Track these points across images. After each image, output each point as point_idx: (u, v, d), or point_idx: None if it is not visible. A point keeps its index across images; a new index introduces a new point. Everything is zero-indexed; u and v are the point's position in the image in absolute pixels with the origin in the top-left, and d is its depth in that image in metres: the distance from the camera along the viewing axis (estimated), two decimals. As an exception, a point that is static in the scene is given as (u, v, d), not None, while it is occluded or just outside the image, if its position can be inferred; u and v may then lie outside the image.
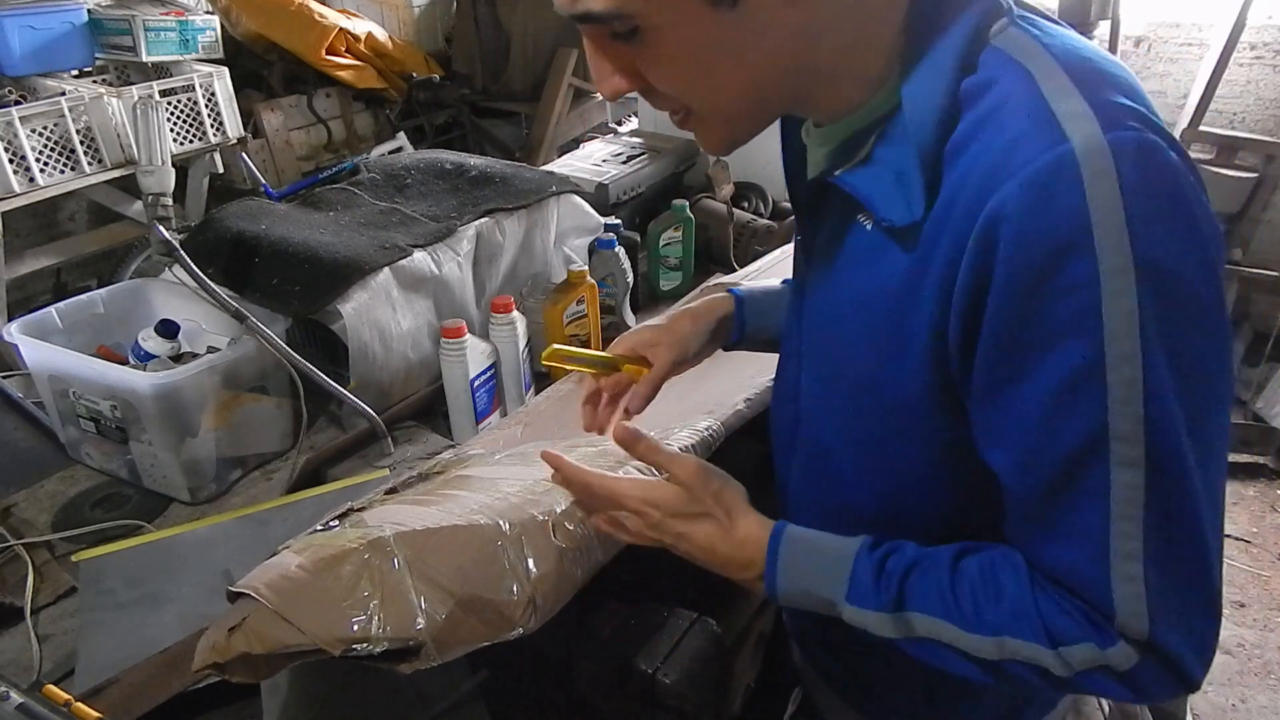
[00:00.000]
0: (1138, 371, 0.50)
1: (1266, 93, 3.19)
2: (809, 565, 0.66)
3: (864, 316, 0.64)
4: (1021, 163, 0.51)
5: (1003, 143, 0.52)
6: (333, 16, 3.58)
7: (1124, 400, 0.51)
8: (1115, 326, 0.50)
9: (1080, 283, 0.50)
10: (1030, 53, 0.55)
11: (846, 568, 0.64)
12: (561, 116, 3.82)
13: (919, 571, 0.62)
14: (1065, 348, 0.52)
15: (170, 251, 1.15)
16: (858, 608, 0.63)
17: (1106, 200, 0.49)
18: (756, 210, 1.96)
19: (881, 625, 0.62)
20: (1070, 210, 0.50)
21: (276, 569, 0.76)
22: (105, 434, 1.18)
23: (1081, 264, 0.50)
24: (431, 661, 0.70)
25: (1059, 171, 0.50)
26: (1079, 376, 0.52)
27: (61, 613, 1.01)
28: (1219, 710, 2.11)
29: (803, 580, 0.66)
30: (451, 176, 1.57)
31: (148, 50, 2.67)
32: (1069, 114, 0.51)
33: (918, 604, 0.61)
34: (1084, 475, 0.54)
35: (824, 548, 0.66)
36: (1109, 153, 0.49)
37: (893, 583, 0.62)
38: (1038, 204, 0.50)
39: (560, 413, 1.19)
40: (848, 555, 0.65)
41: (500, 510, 0.81)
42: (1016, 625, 0.58)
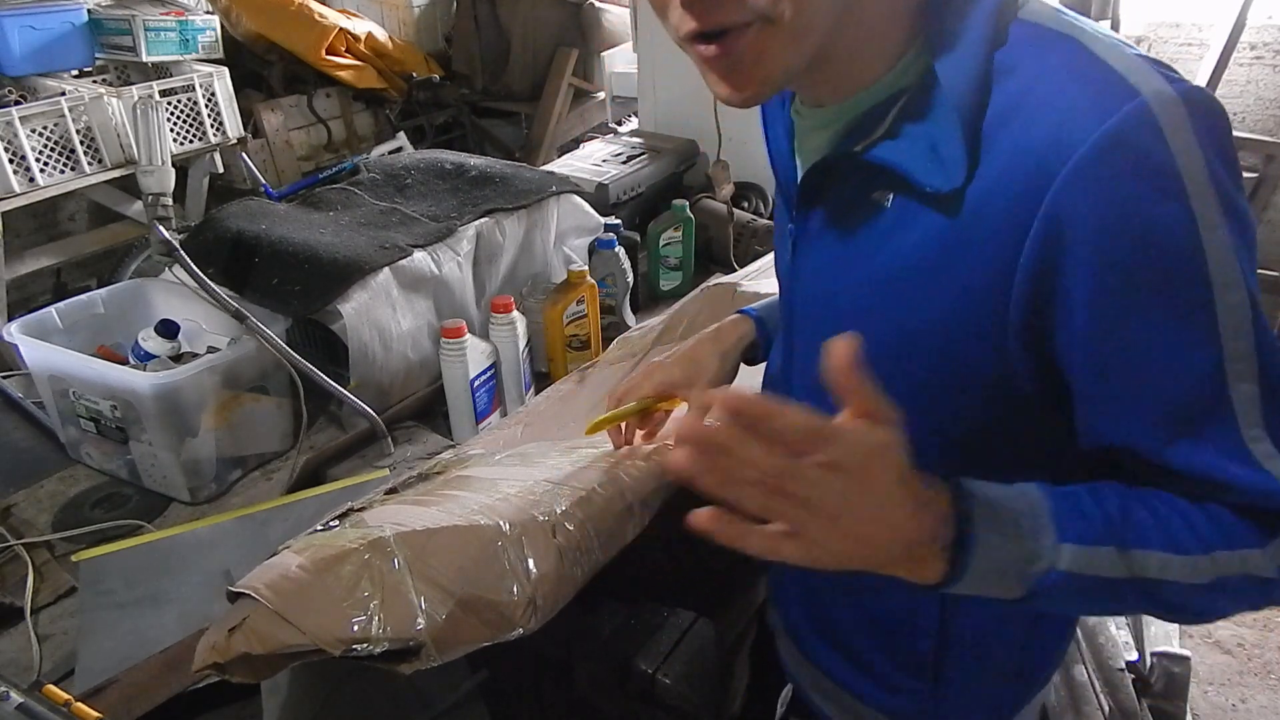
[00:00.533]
0: (1244, 295, 0.53)
1: (1266, 93, 3.20)
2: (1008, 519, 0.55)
3: (880, 296, 0.64)
4: (1090, 126, 0.51)
5: (1060, 112, 0.53)
6: (333, 16, 3.58)
7: (1235, 325, 0.53)
8: (1218, 260, 0.52)
9: (1182, 227, 0.52)
10: (1061, 19, 0.56)
11: (1044, 505, 0.56)
12: (561, 116, 3.82)
13: (1116, 506, 0.57)
14: (1178, 292, 0.53)
15: (170, 251, 1.15)
16: (1081, 545, 0.54)
17: (1189, 148, 0.51)
18: (756, 210, 1.96)
19: (1111, 564, 0.55)
20: (1158, 161, 0.51)
21: (276, 569, 0.76)
22: (105, 434, 1.18)
23: (1178, 209, 0.52)
24: (431, 662, 0.70)
25: (1140, 125, 0.51)
26: (1194, 313, 0.53)
27: (61, 613, 1.01)
28: (1219, 710, 2.11)
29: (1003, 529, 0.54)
30: (451, 176, 1.57)
31: (148, 50, 2.68)
32: (1131, 69, 0.52)
33: (1134, 538, 0.56)
34: (1216, 403, 0.55)
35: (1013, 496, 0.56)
36: (1181, 103, 0.51)
37: (1099, 518, 0.56)
38: (1124, 159, 0.51)
39: (560, 413, 1.19)
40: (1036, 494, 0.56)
41: (500, 510, 0.81)
42: (1221, 538, 0.56)
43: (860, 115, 0.63)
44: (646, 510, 0.86)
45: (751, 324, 0.94)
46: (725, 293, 1.38)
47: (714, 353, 0.91)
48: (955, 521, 0.53)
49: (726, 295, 1.37)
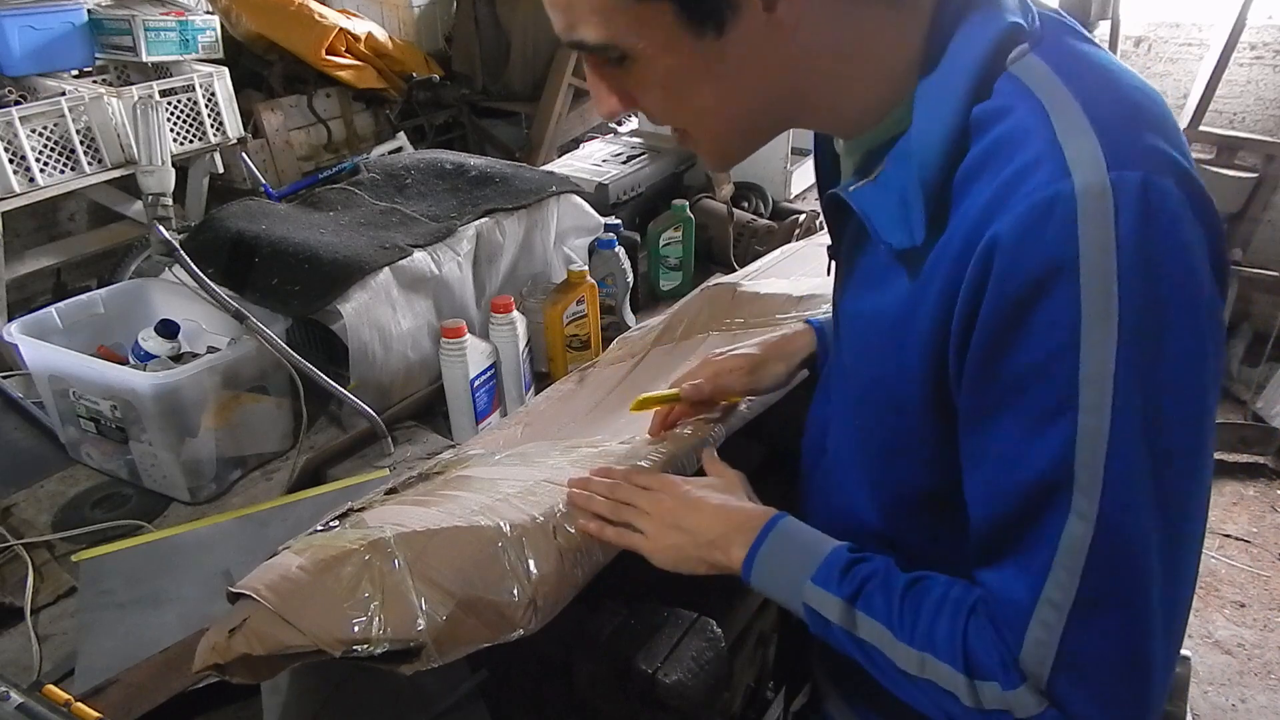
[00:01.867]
0: (1105, 425, 0.49)
1: (1266, 93, 3.20)
2: (790, 546, 0.70)
3: (871, 332, 0.65)
4: (1022, 195, 0.50)
5: (1007, 175, 0.51)
6: (333, 16, 3.58)
7: (1088, 451, 0.50)
8: (1090, 372, 0.49)
9: (1061, 321, 0.49)
10: (1047, 85, 0.53)
11: (822, 554, 0.67)
12: (561, 116, 3.82)
13: (880, 579, 0.64)
14: (1040, 384, 0.51)
15: (170, 251, 1.15)
16: (820, 587, 0.65)
17: (1099, 241, 0.48)
18: (756, 210, 1.96)
19: (832, 610, 0.64)
20: (1059, 245, 0.48)
21: (277, 570, 0.76)
22: (105, 434, 1.18)
23: (1064, 303, 0.49)
24: (432, 662, 0.70)
25: (1054, 206, 0.49)
26: (1050, 414, 0.51)
27: (61, 613, 1.01)
28: (1219, 710, 2.11)
29: (781, 559, 0.69)
30: (451, 176, 1.57)
31: (148, 50, 2.67)
32: (1076, 151, 0.49)
33: (866, 604, 0.63)
34: (1041, 514, 0.53)
35: (809, 538, 0.70)
36: (1109, 193, 0.48)
37: (856, 580, 0.64)
38: (1029, 236, 0.49)
39: (560, 413, 1.19)
40: (827, 547, 0.68)
41: (501, 511, 0.81)
42: (942, 645, 0.58)
43: (869, 152, 0.64)
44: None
45: (813, 335, 0.98)
46: (725, 293, 1.38)
47: (779, 364, 0.96)
48: (760, 532, 0.70)
49: (726, 295, 1.37)
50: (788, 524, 0.72)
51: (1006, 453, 0.54)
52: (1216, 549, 2.60)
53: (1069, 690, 0.54)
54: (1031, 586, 0.54)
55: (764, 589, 0.70)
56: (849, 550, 0.67)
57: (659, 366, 1.26)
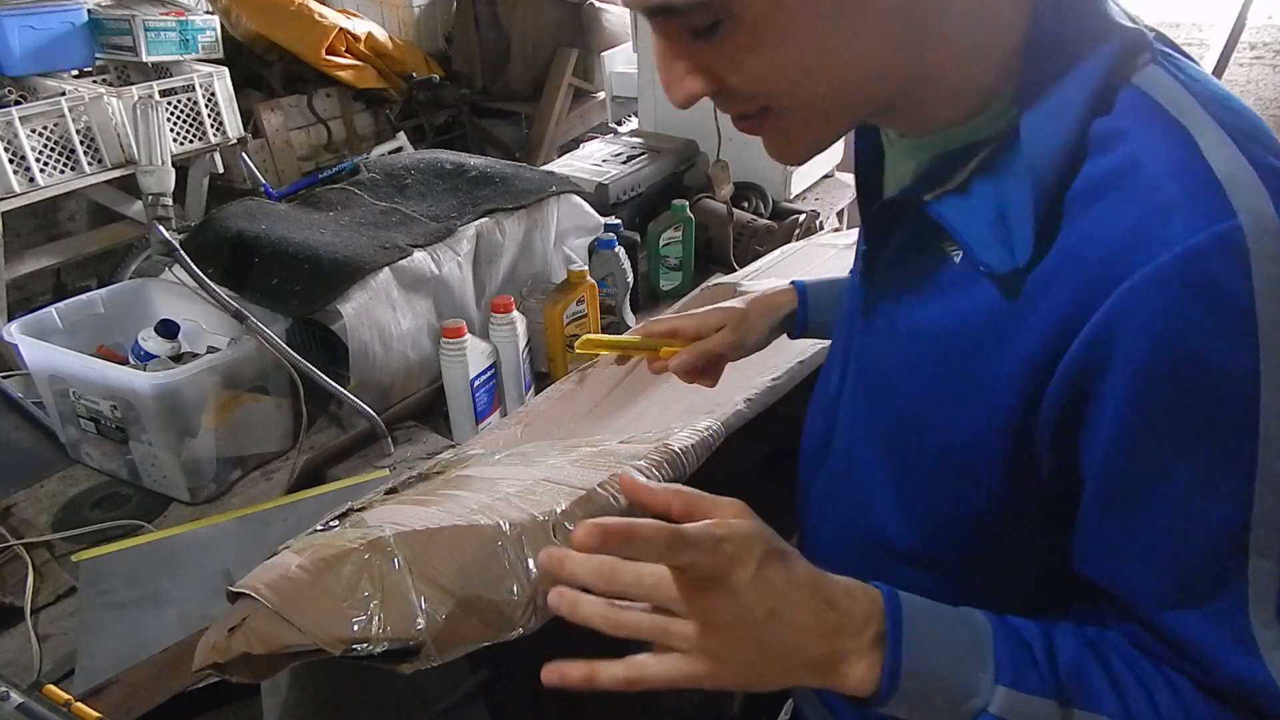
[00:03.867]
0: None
1: (1266, 93, 3.20)
2: (939, 627, 0.52)
3: (925, 352, 0.59)
4: (1177, 236, 0.45)
5: (1150, 205, 0.46)
6: (333, 16, 3.58)
7: (1269, 494, 0.47)
8: (1272, 417, 0.46)
9: (1240, 373, 0.45)
10: (1177, 99, 0.48)
11: (986, 637, 0.52)
12: (561, 116, 3.82)
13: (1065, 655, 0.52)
14: (1214, 441, 0.47)
15: (170, 251, 1.15)
16: (1017, 691, 0.50)
17: (1275, 287, 0.44)
18: (756, 210, 1.96)
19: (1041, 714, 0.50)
20: (1233, 297, 0.44)
21: (277, 569, 0.76)
22: (105, 434, 1.18)
23: (1242, 355, 0.45)
24: (431, 661, 0.70)
25: (1224, 252, 0.44)
26: (1225, 467, 0.47)
27: (61, 613, 1.01)
28: (1219, 710, 2.11)
29: (934, 649, 0.51)
30: (451, 176, 1.57)
31: (148, 50, 2.67)
32: (1234, 181, 0.45)
33: (1080, 698, 0.51)
34: (1230, 573, 0.49)
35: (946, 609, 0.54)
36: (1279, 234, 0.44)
37: (1046, 665, 0.52)
38: (1197, 287, 0.44)
39: (560, 413, 1.19)
40: (979, 622, 0.53)
41: (501, 510, 0.81)
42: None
43: (940, 156, 0.58)
44: (646, 511, 0.86)
45: (794, 296, 0.95)
46: (725, 293, 1.38)
47: (761, 320, 0.92)
48: (882, 621, 0.51)
49: (726, 295, 1.37)
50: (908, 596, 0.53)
51: (1178, 513, 0.49)
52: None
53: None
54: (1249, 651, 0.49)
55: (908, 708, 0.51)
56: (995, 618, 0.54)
57: (659, 366, 1.26)
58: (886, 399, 0.64)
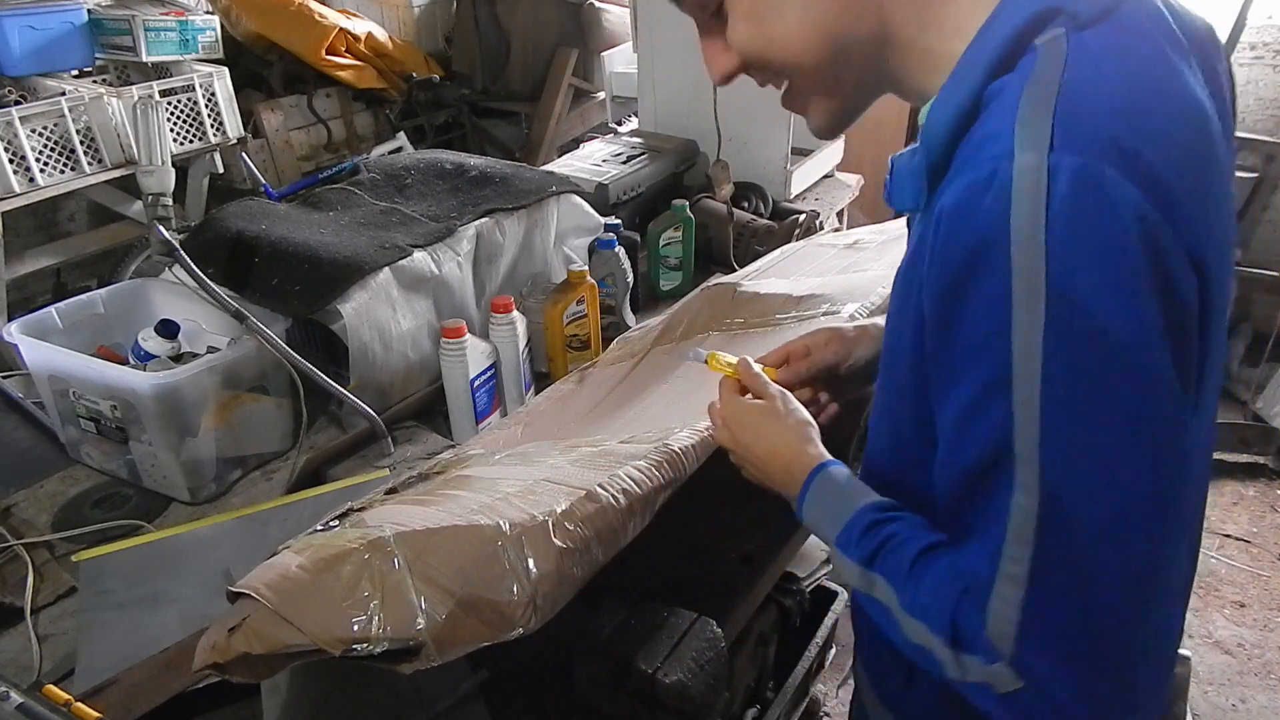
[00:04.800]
0: (1035, 398, 0.50)
1: (1266, 93, 3.20)
2: (828, 500, 0.74)
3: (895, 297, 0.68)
4: (970, 168, 0.52)
5: (976, 140, 0.54)
6: (333, 16, 3.58)
7: (1024, 422, 0.51)
8: (1020, 345, 0.50)
9: (994, 294, 0.50)
10: (1046, 67, 0.53)
11: (847, 514, 0.70)
12: (561, 116, 3.82)
13: (897, 541, 0.65)
14: (981, 359, 0.53)
15: (170, 251, 1.15)
16: (840, 551, 0.69)
17: (1029, 219, 0.49)
18: (756, 210, 1.96)
19: (851, 574, 0.68)
20: (992, 221, 0.50)
21: (276, 569, 0.76)
22: (105, 434, 1.18)
23: (996, 276, 0.50)
24: (431, 661, 0.70)
25: (992, 182, 0.50)
26: (990, 387, 0.52)
27: (61, 613, 1.01)
28: (1219, 710, 2.11)
29: (818, 513, 0.74)
30: (451, 176, 1.57)
31: (148, 50, 2.68)
32: (1028, 131, 0.50)
33: (882, 567, 0.65)
34: (990, 487, 0.54)
35: (844, 491, 0.73)
36: (1044, 172, 0.49)
37: (874, 542, 0.66)
38: (967, 209, 0.51)
39: (560, 413, 1.19)
40: (854, 505, 0.70)
41: (501, 510, 0.81)
42: (933, 617, 0.60)
43: None
44: (647, 510, 0.86)
45: None
46: (725, 293, 1.38)
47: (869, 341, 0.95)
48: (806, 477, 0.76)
49: (726, 295, 1.38)
50: (827, 475, 0.75)
51: (957, 424, 0.56)
52: (1216, 549, 2.60)
53: (1037, 663, 0.54)
54: (990, 561, 0.55)
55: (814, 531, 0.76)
56: (877, 509, 0.69)
57: (659, 366, 1.26)
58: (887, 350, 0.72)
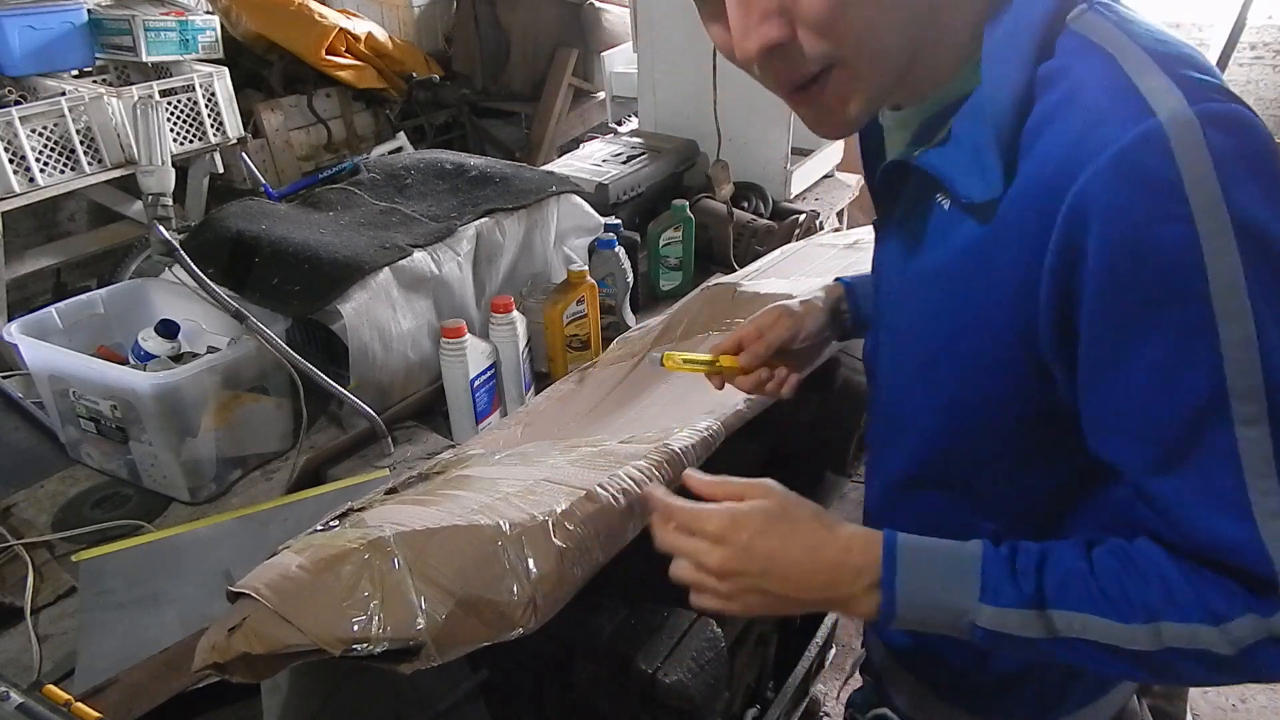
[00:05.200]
0: (1250, 329, 0.51)
1: (1266, 93, 3.20)
2: (932, 567, 0.62)
3: (930, 291, 0.67)
4: (1110, 139, 0.52)
5: (1086, 120, 0.53)
6: (333, 16, 3.58)
7: (1239, 359, 0.51)
8: (1221, 285, 0.51)
9: (1182, 247, 0.51)
10: (1109, 36, 0.56)
11: (975, 566, 0.61)
12: (561, 116, 3.82)
13: (1052, 564, 0.60)
14: (1173, 313, 0.52)
15: (170, 251, 1.15)
16: (997, 606, 0.59)
17: (1199, 168, 0.50)
18: (756, 210, 1.96)
19: (1026, 625, 0.59)
20: (1163, 180, 0.50)
21: (276, 569, 0.76)
22: (105, 434, 1.18)
23: (1180, 230, 0.51)
24: (432, 661, 0.70)
25: (1148, 144, 0.51)
26: (1191, 338, 0.52)
27: (61, 613, 1.01)
28: (1219, 710, 2.11)
29: (927, 584, 0.61)
30: (451, 176, 1.57)
31: (148, 50, 2.67)
32: (1153, 89, 0.52)
33: (1061, 600, 0.58)
34: (1210, 438, 0.53)
35: (942, 549, 0.63)
36: (1197, 123, 0.50)
37: (1029, 578, 0.59)
38: (1131, 177, 0.51)
39: (560, 413, 1.19)
40: (972, 554, 0.61)
41: (501, 510, 0.81)
42: (1172, 608, 0.56)
43: (930, 118, 0.66)
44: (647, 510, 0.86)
45: (843, 291, 0.98)
46: (725, 293, 1.38)
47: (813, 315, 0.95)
48: (883, 561, 0.62)
49: (726, 295, 1.37)
50: (907, 543, 0.63)
51: (1154, 387, 0.54)
52: (1216, 549, 2.60)
53: None
54: (1241, 510, 0.53)
55: (917, 625, 0.62)
56: (992, 549, 0.62)
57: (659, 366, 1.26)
58: (910, 342, 0.72)
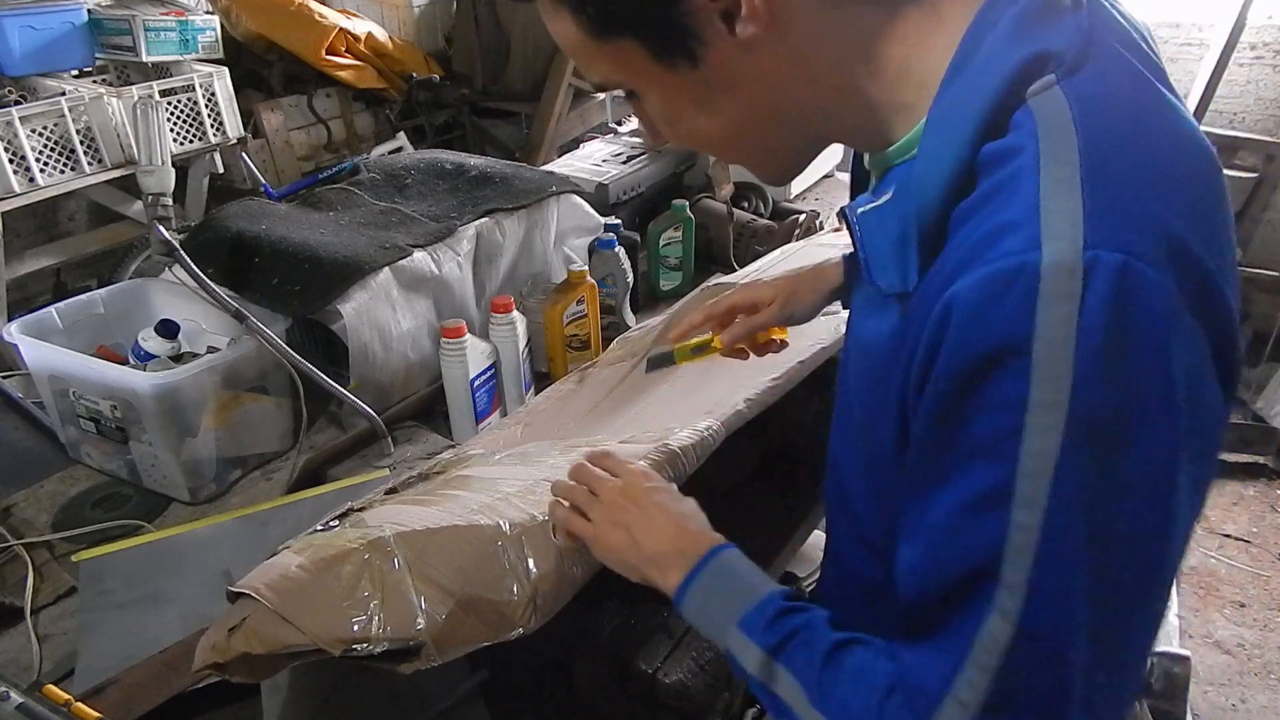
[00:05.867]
0: (1038, 523, 0.45)
1: (1266, 93, 3.20)
2: (728, 584, 0.66)
3: (866, 364, 0.63)
4: (989, 259, 0.45)
5: (985, 231, 0.47)
6: (333, 16, 3.58)
7: (1019, 547, 0.45)
8: (1030, 465, 0.45)
9: (1008, 402, 0.45)
10: (1056, 128, 0.47)
11: (755, 599, 0.63)
12: (561, 116, 3.82)
13: (806, 634, 0.60)
14: (981, 466, 0.47)
15: (170, 251, 1.15)
16: (744, 634, 0.62)
17: (1059, 325, 0.43)
18: (756, 210, 1.96)
19: (752, 662, 0.61)
20: (1015, 322, 0.44)
21: (276, 569, 0.76)
22: (105, 434, 1.18)
23: (1013, 383, 0.44)
24: (432, 661, 0.70)
25: (1018, 279, 0.44)
26: (987, 500, 0.47)
27: (61, 613, 1.01)
28: (1219, 710, 2.11)
29: (712, 596, 0.66)
30: (451, 176, 1.57)
31: (148, 50, 2.67)
32: (1056, 218, 0.44)
33: (788, 660, 0.59)
34: (966, 601, 0.49)
35: (747, 579, 0.67)
36: (1079, 273, 0.43)
37: (782, 632, 0.61)
38: (987, 306, 0.45)
39: (560, 413, 1.19)
40: (762, 591, 0.64)
41: (501, 510, 0.81)
42: (855, 714, 0.55)
43: (887, 171, 0.60)
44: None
45: (842, 267, 0.97)
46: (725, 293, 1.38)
47: (808, 295, 0.95)
48: (698, 561, 0.67)
49: (726, 295, 1.37)
50: (729, 556, 0.68)
51: (941, 529, 0.50)
52: (1217, 549, 2.60)
53: None
54: (944, 677, 0.49)
55: (694, 623, 0.67)
56: (784, 598, 0.63)
57: (659, 366, 1.26)
58: (850, 406, 0.69)
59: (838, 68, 0.55)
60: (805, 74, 0.55)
